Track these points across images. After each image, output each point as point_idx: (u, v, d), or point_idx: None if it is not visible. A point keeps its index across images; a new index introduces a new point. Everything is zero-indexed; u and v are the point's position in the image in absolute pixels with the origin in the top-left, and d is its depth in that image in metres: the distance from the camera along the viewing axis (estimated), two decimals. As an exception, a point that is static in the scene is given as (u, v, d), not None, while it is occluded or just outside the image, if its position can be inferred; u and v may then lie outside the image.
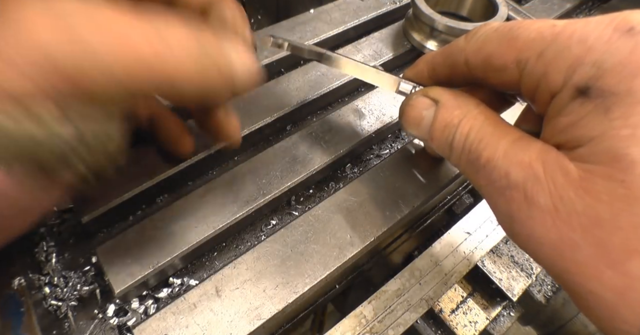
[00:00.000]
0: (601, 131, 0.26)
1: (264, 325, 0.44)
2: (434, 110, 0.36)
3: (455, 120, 0.34)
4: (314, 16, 0.74)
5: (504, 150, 0.30)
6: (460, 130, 0.33)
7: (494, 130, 0.32)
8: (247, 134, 0.57)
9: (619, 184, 0.24)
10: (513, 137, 0.31)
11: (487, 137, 0.31)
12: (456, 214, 0.68)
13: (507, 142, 0.30)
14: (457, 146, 0.34)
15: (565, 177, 0.27)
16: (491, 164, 0.30)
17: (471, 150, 0.32)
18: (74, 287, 0.49)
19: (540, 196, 0.27)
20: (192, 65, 0.27)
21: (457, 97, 0.36)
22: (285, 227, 0.50)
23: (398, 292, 0.51)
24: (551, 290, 0.69)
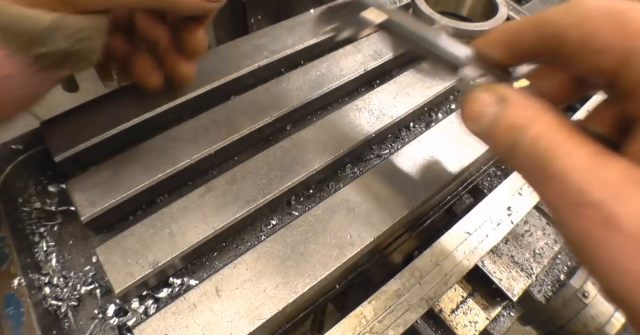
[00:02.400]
0: None
1: (264, 325, 0.44)
2: (500, 108, 0.32)
3: (524, 121, 0.30)
4: (314, 16, 0.74)
5: (581, 163, 0.26)
6: (530, 134, 0.29)
7: (569, 138, 0.28)
8: (247, 134, 0.57)
9: None
10: (593, 150, 0.27)
11: (561, 146, 0.28)
12: (456, 214, 0.68)
13: (586, 155, 0.27)
14: (522, 151, 0.30)
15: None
16: (565, 175, 0.27)
17: (540, 157, 0.28)
18: (74, 287, 0.49)
19: (625, 217, 0.24)
20: None
21: (528, 97, 0.32)
22: (285, 227, 0.50)
23: (398, 292, 0.51)
24: (551, 290, 0.69)
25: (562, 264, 0.71)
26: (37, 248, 0.52)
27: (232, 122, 0.58)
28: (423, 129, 0.67)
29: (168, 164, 0.53)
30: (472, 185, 0.66)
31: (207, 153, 0.54)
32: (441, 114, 0.69)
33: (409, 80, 0.67)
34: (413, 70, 0.68)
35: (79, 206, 0.48)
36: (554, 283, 0.70)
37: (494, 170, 0.70)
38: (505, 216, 0.60)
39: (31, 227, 0.53)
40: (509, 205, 0.61)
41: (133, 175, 0.51)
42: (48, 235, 0.53)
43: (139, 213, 0.54)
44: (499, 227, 0.59)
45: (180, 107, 0.59)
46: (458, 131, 0.62)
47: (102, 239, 0.52)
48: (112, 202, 0.49)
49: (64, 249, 0.52)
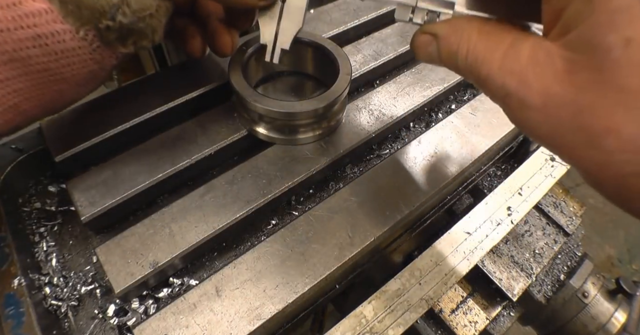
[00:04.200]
0: (585, 18, 0.27)
1: (264, 325, 0.44)
2: (436, 43, 0.38)
3: (453, 47, 0.35)
4: (314, 16, 0.74)
5: (497, 63, 0.32)
6: (460, 55, 0.35)
7: (487, 44, 0.33)
8: (247, 134, 0.57)
9: (596, 72, 0.27)
10: (507, 45, 0.32)
11: (482, 54, 0.33)
12: (456, 214, 0.68)
13: (500, 53, 0.32)
14: (463, 69, 0.35)
15: (553, 74, 0.29)
16: (489, 78, 0.32)
17: (472, 70, 0.34)
18: (74, 287, 0.49)
19: (531, 99, 0.30)
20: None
21: (451, 24, 0.37)
22: (286, 227, 0.50)
23: (398, 292, 0.51)
24: (551, 290, 0.69)
25: (562, 264, 0.71)
26: (37, 248, 0.52)
27: (233, 121, 0.58)
28: (423, 129, 0.67)
29: (168, 164, 0.53)
30: (472, 185, 0.66)
31: (207, 153, 0.54)
32: (441, 114, 0.69)
33: (409, 80, 0.67)
34: (413, 70, 0.68)
35: (79, 206, 0.48)
36: (554, 283, 0.70)
37: (494, 170, 0.70)
38: (505, 216, 0.60)
39: (31, 227, 0.53)
40: (509, 206, 0.61)
41: (133, 175, 0.51)
42: (48, 235, 0.53)
43: (139, 213, 0.54)
44: (499, 227, 0.59)
45: (180, 107, 0.59)
46: (458, 131, 0.62)
47: (102, 239, 0.52)
48: (112, 202, 0.49)
49: (64, 249, 0.52)
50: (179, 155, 0.54)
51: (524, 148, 0.69)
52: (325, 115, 0.55)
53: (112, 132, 0.54)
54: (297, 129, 0.55)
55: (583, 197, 0.76)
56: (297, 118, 0.53)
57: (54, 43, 0.37)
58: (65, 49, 0.38)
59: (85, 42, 0.39)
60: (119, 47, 0.41)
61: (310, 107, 0.52)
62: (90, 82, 0.43)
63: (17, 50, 0.36)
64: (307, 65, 0.65)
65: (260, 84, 0.65)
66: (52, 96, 0.42)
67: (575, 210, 0.71)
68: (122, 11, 0.38)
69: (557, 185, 0.72)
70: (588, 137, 0.28)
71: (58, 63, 0.39)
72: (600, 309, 0.70)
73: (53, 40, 0.37)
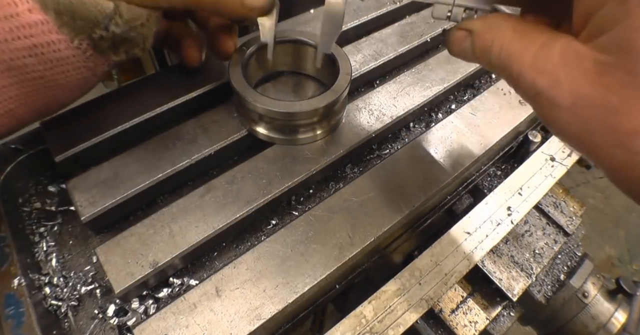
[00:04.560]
0: (619, 22, 0.27)
1: (264, 325, 0.44)
2: (471, 40, 0.39)
3: (487, 43, 0.36)
4: (314, 16, 0.74)
5: (529, 61, 0.32)
6: (494, 52, 0.35)
7: (520, 42, 0.34)
8: (247, 134, 0.57)
9: (628, 74, 0.27)
10: (539, 44, 0.32)
11: (515, 52, 0.34)
12: (456, 214, 0.68)
13: (532, 52, 0.32)
14: (495, 66, 0.36)
15: (584, 74, 0.29)
16: (521, 76, 0.33)
17: (505, 67, 0.35)
18: (74, 287, 0.49)
19: (561, 98, 0.30)
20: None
21: (486, 21, 0.38)
22: (286, 227, 0.50)
23: (398, 292, 0.51)
24: (551, 290, 0.69)
25: (562, 264, 0.71)
26: (37, 248, 0.51)
27: (233, 121, 0.58)
28: (423, 129, 0.67)
29: (168, 164, 0.53)
30: (472, 185, 0.66)
31: (207, 153, 0.54)
32: (441, 114, 0.69)
33: (409, 80, 0.67)
34: (413, 70, 0.68)
35: (79, 206, 0.48)
36: (554, 283, 0.70)
37: (494, 170, 0.70)
38: (505, 216, 0.60)
39: (31, 227, 0.53)
40: (509, 206, 0.61)
41: (133, 175, 0.51)
42: (48, 235, 0.53)
43: (139, 213, 0.54)
44: (499, 227, 0.59)
45: (180, 107, 0.59)
46: (458, 131, 0.62)
47: (102, 239, 0.52)
48: (112, 202, 0.49)
49: (64, 249, 0.52)
50: (179, 155, 0.54)
51: (524, 148, 0.69)
52: (325, 115, 0.55)
53: (112, 132, 0.54)
54: (297, 129, 0.55)
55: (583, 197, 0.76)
56: (297, 118, 0.53)
57: (49, 52, 0.38)
58: (60, 57, 0.39)
59: (79, 50, 0.40)
60: (112, 55, 0.42)
61: (310, 107, 0.52)
62: (83, 87, 0.45)
63: (14, 59, 0.37)
64: (307, 65, 0.65)
65: (260, 84, 0.65)
66: (46, 101, 0.43)
67: (575, 210, 0.71)
68: (114, 21, 0.39)
69: (557, 185, 0.72)
70: (616, 138, 0.28)
71: (53, 71, 0.40)
72: (600, 309, 0.70)
73: (48, 50, 0.38)
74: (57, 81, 0.41)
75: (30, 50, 0.37)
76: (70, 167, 0.54)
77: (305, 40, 0.60)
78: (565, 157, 0.68)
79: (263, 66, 0.63)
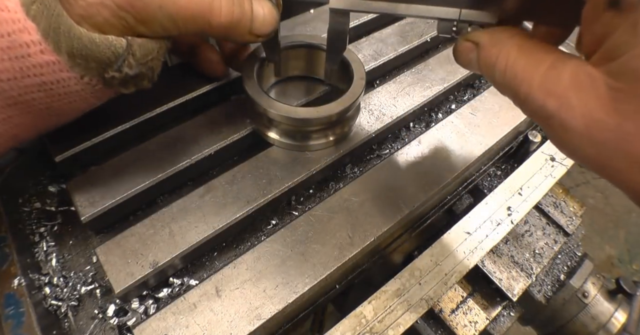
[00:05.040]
0: (630, 48, 0.27)
1: (264, 325, 0.44)
2: (477, 52, 0.38)
3: (492, 59, 0.36)
4: (314, 16, 0.74)
5: (537, 82, 0.32)
6: (498, 69, 0.35)
7: (527, 62, 0.33)
8: (247, 134, 0.57)
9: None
10: (547, 65, 0.32)
11: (521, 72, 0.33)
12: (456, 214, 0.68)
13: (540, 74, 0.32)
14: (500, 83, 0.36)
15: (597, 99, 0.29)
16: (529, 98, 0.32)
17: (510, 87, 0.34)
18: (74, 287, 0.49)
19: (574, 122, 0.30)
20: (228, 18, 0.43)
21: (493, 34, 0.37)
22: (286, 227, 0.50)
23: (398, 292, 0.51)
24: (551, 290, 0.69)
25: (562, 264, 0.71)
26: (37, 248, 0.51)
27: (233, 122, 0.58)
28: (423, 129, 0.67)
29: (168, 164, 0.53)
30: (472, 185, 0.66)
31: (207, 153, 0.54)
32: (441, 114, 0.69)
33: (409, 80, 0.67)
34: (413, 70, 0.68)
35: (79, 206, 0.48)
36: (554, 283, 0.70)
37: (494, 170, 0.70)
38: (505, 216, 0.60)
39: (31, 227, 0.53)
40: (509, 206, 0.61)
41: (133, 175, 0.51)
42: (48, 235, 0.53)
43: (139, 213, 0.54)
44: (499, 227, 0.59)
45: (180, 107, 0.59)
46: (458, 131, 0.62)
47: (102, 239, 0.52)
48: (112, 202, 0.49)
49: (64, 249, 0.52)
50: (179, 155, 0.54)
51: (524, 148, 0.69)
52: (339, 121, 0.55)
53: (112, 132, 0.54)
54: (309, 136, 0.55)
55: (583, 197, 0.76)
56: (311, 125, 0.53)
57: (59, 88, 0.38)
58: (69, 91, 0.39)
59: (89, 85, 0.40)
60: (121, 89, 0.43)
61: (325, 113, 0.52)
62: (87, 110, 0.45)
63: (22, 94, 0.37)
64: (320, 69, 0.64)
65: (272, 88, 0.65)
66: (50, 124, 0.44)
67: (575, 210, 0.71)
68: (127, 63, 0.39)
69: (557, 185, 0.72)
70: (634, 163, 0.28)
71: (60, 102, 0.40)
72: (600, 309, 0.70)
73: (58, 86, 0.38)
74: (64, 109, 0.41)
75: (39, 86, 0.37)
76: (70, 167, 0.54)
77: (317, 45, 0.60)
78: (565, 157, 0.68)
79: (275, 71, 0.63)
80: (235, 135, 0.56)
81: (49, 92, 0.38)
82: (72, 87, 0.39)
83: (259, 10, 0.46)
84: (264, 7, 0.47)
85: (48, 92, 0.38)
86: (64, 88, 0.38)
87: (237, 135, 0.56)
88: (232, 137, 0.56)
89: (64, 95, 0.39)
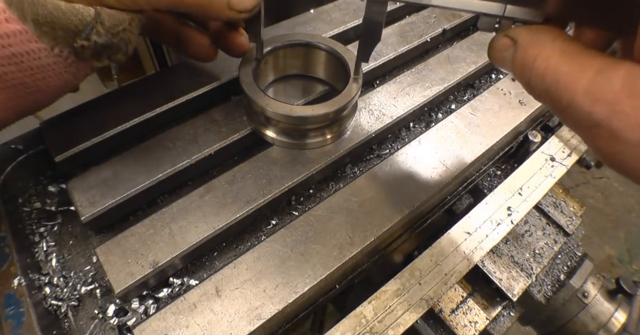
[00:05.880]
0: None
1: (264, 325, 0.44)
2: (513, 50, 0.36)
3: (529, 60, 0.33)
4: (314, 16, 0.74)
5: (583, 89, 0.29)
6: (536, 72, 0.33)
7: (571, 67, 0.30)
8: (247, 134, 0.57)
9: None
10: (594, 70, 0.29)
11: (564, 77, 0.30)
12: (456, 214, 0.68)
13: (587, 79, 0.29)
14: (535, 87, 0.33)
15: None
16: (573, 105, 0.30)
17: (550, 91, 0.32)
18: (74, 287, 0.49)
19: (627, 131, 0.27)
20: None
21: (534, 33, 0.35)
22: (286, 227, 0.50)
23: (398, 292, 0.51)
24: (551, 290, 0.69)
25: (562, 264, 0.71)
26: (37, 248, 0.51)
27: (233, 122, 0.58)
28: (423, 129, 0.67)
29: (168, 164, 0.53)
30: (472, 185, 0.66)
31: (207, 153, 0.54)
32: (441, 114, 0.69)
33: (409, 80, 0.67)
34: (413, 70, 0.68)
35: (79, 206, 0.48)
36: (554, 283, 0.70)
37: (494, 170, 0.70)
38: (505, 216, 0.60)
39: (31, 227, 0.53)
40: (509, 206, 0.61)
41: (133, 175, 0.51)
42: (48, 235, 0.53)
43: (139, 213, 0.54)
44: (499, 227, 0.59)
45: (181, 107, 0.59)
46: (458, 131, 0.62)
47: (102, 239, 0.52)
48: (112, 202, 0.49)
49: (64, 249, 0.52)
50: (179, 155, 0.54)
51: (524, 148, 0.69)
52: (336, 119, 0.55)
53: (112, 132, 0.54)
54: (307, 133, 0.55)
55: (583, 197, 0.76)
56: (308, 122, 0.53)
57: (29, 60, 0.38)
58: (41, 65, 0.39)
59: (60, 58, 0.39)
60: (94, 61, 0.42)
61: (322, 111, 0.52)
62: (65, 89, 0.44)
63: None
64: (318, 68, 0.64)
65: (270, 87, 0.65)
66: (28, 104, 0.43)
67: (575, 210, 0.71)
68: (96, 30, 0.38)
69: (557, 185, 0.72)
70: None
71: (34, 77, 0.39)
72: (600, 309, 0.70)
73: (28, 58, 0.37)
74: (39, 86, 0.41)
75: (9, 59, 0.37)
76: (70, 167, 0.54)
77: (315, 44, 0.60)
78: (565, 157, 0.68)
79: (273, 69, 0.63)
80: (235, 135, 0.56)
81: (20, 65, 0.37)
82: (44, 59, 0.38)
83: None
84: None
85: (19, 65, 0.37)
86: (35, 60, 0.38)
87: (237, 135, 0.56)
88: (232, 137, 0.56)
89: (37, 69, 0.39)
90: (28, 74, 0.38)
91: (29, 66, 0.38)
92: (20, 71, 0.38)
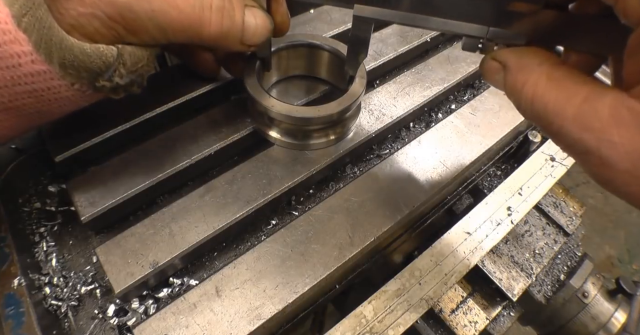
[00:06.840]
0: None
1: (264, 325, 0.44)
2: (503, 74, 0.36)
3: (518, 85, 0.33)
4: (314, 16, 0.74)
5: (572, 115, 0.29)
6: (525, 96, 0.33)
7: (558, 94, 0.31)
8: (247, 134, 0.57)
9: None
10: (581, 98, 0.29)
11: (552, 103, 0.31)
12: (456, 214, 0.68)
13: (574, 106, 0.29)
14: (525, 111, 0.34)
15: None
16: (563, 132, 0.30)
17: (540, 118, 0.32)
18: (74, 287, 0.49)
19: (616, 159, 0.28)
20: (218, 29, 0.43)
21: (520, 57, 0.35)
22: (286, 227, 0.50)
23: (398, 292, 0.51)
24: (551, 290, 0.69)
25: (562, 264, 0.71)
26: (37, 248, 0.51)
27: (233, 122, 0.58)
28: (423, 129, 0.67)
29: (168, 164, 0.53)
30: (472, 185, 0.66)
31: (207, 153, 0.54)
32: (441, 114, 0.69)
33: (409, 80, 0.67)
34: (413, 70, 0.68)
35: (79, 206, 0.48)
36: (554, 283, 0.70)
37: (494, 170, 0.70)
38: (505, 216, 0.60)
39: (31, 227, 0.53)
40: (509, 206, 0.61)
41: (133, 175, 0.51)
42: (48, 235, 0.53)
43: (139, 213, 0.54)
44: (499, 227, 0.59)
45: (181, 107, 0.59)
46: (458, 131, 0.62)
47: (102, 239, 0.52)
48: (112, 202, 0.49)
49: (64, 249, 0.52)
50: (179, 155, 0.54)
51: (524, 148, 0.69)
52: (340, 120, 0.55)
53: (112, 132, 0.54)
54: (310, 134, 0.55)
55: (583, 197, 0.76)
56: (312, 123, 0.53)
57: (49, 94, 0.38)
58: (60, 97, 0.39)
59: (79, 92, 0.40)
60: (111, 95, 0.43)
61: (325, 112, 0.52)
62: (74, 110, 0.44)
63: (13, 101, 0.37)
64: (321, 69, 0.64)
65: (273, 87, 0.65)
66: (37, 124, 0.44)
67: (575, 210, 0.71)
68: (118, 72, 0.40)
69: (557, 185, 0.72)
70: None
71: (50, 106, 0.40)
72: (600, 309, 0.70)
73: (49, 93, 0.38)
74: (52, 112, 0.41)
75: (30, 93, 0.37)
76: (70, 167, 0.54)
77: (318, 44, 0.60)
78: (565, 157, 0.68)
79: (277, 70, 0.63)
80: (236, 135, 0.56)
81: (39, 98, 0.38)
82: (63, 93, 0.39)
83: (251, 20, 0.46)
84: (257, 17, 0.46)
85: (39, 98, 0.38)
86: (54, 94, 0.38)
87: (237, 135, 0.56)
88: (232, 137, 0.56)
89: (54, 101, 0.39)
90: (46, 104, 0.39)
91: (47, 99, 0.38)
92: (38, 102, 0.38)
